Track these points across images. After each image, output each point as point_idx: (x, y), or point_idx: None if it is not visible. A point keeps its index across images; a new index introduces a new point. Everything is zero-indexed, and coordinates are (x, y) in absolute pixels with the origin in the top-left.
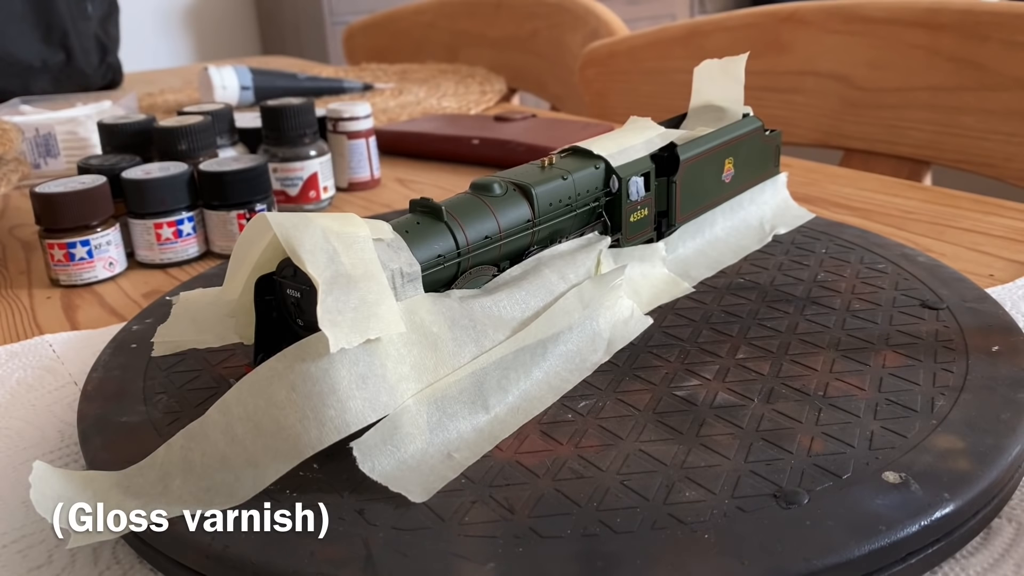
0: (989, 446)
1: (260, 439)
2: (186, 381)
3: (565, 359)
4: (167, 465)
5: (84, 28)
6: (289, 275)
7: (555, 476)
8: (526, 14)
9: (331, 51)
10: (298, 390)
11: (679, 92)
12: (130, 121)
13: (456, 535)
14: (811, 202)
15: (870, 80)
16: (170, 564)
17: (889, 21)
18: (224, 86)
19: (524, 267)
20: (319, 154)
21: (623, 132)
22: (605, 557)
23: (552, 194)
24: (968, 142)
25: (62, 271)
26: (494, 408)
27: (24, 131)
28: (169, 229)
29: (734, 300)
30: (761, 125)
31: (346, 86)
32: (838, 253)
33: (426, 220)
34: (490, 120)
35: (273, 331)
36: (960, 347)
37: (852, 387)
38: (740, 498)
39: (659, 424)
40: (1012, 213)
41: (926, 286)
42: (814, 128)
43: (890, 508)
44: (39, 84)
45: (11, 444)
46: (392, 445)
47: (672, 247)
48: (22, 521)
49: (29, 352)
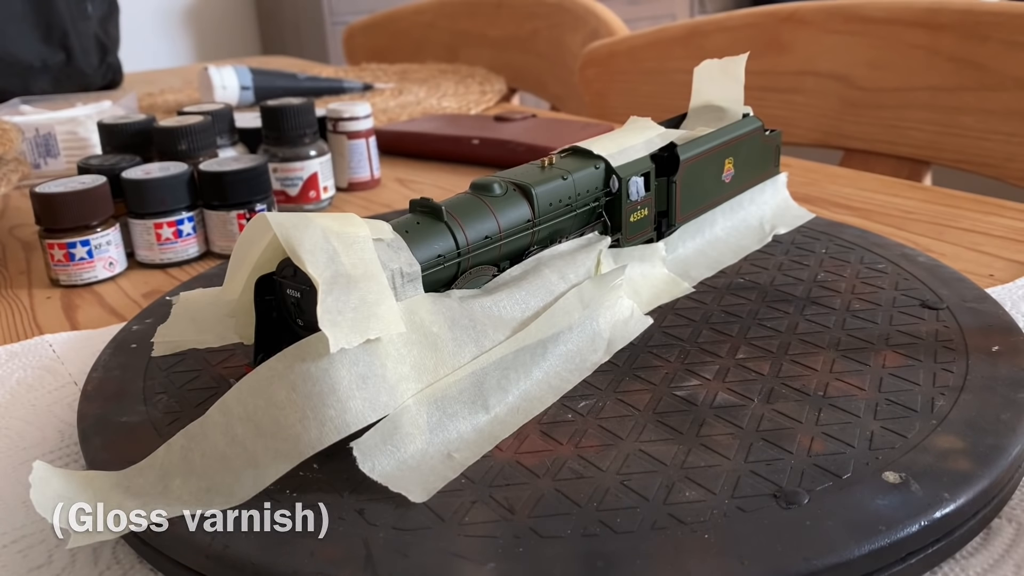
0: (989, 446)
1: (260, 439)
2: (186, 381)
3: (565, 359)
4: (167, 465)
5: (84, 28)
6: (289, 275)
7: (555, 476)
8: (526, 14)
9: (331, 51)
10: (298, 390)
11: (679, 92)
12: (130, 121)
13: (456, 535)
14: (811, 202)
15: (870, 80)
16: (170, 564)
17: (889, 21)
18: (224, 86)
19: (524, 267)
20: (319, 154)
21: (623, 132)
22: (605, 557)
23: (552, 194)
24: (968, 142)
25: (62, 271)
26: (494, 408)
27: (24, 131)
28: (169, 229)
29: (734, 300)
30: (761, 125)
31: (346, 86)
32: (838, 253)
33: (426, 220)
34: (490, 120)
35: (273, 331)
36: (960, 347)
37: (852, 387)
38: (740, 498)
39: (659, 424)
40: (1012, 213)
41: (926, 286)
42: (814, 128)
43: (890, 508)
44: (39, 84)
45: (11, 444)
46: (392, 445)
47: (672, 247)
48: (22, 521)
49: (29, 352)
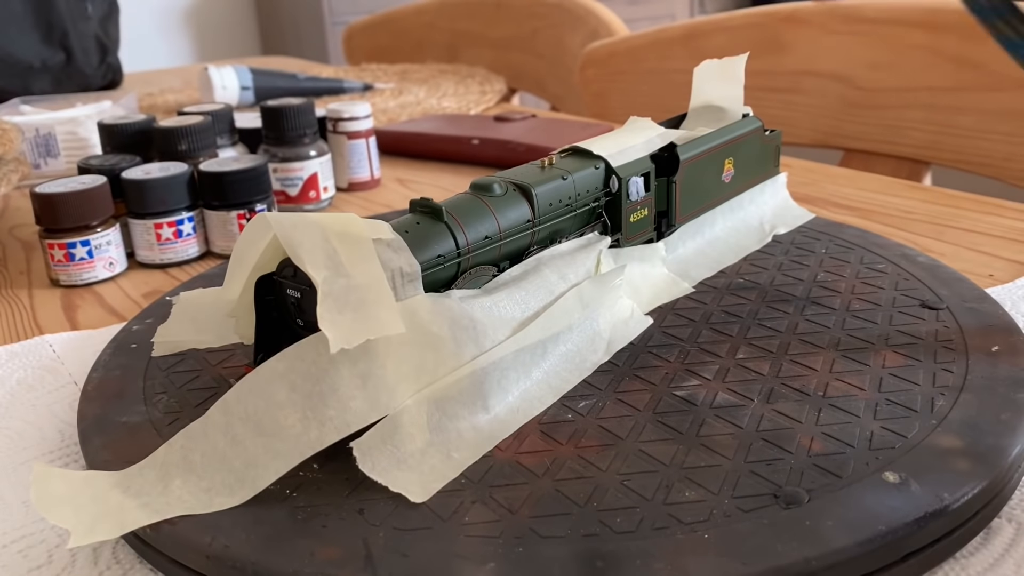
0: (989, 446)
1: (260, 439)
2: (186, 381)
3: (565, 359)
4: (167, 465)
5: (84, 28)
6: (289, 275)
7: (555, 476)
8: (526, 14)
9: (331, 51)
10: (298, 390)
11: (679, 92)
12: (130, 121)
13: (456, 535)
14: (811, 202)
15: (870, 80)
16: (170, 564)
17: (889, 21)
18: (224, 86)
19: (524, 267)
20: (319, 154)
21: (623, 132)
22: (605, 557)
23: (552, 194)
24: (967, 142)
25: (62, 271)
26: (494, 408)
27: (24, 131)
28: (169, 229)
29: (734, 300)
30: (761, 125)
31: (346, 86)
32: (838, 253)
33: (426, 220)
34: (490, 120)
35: (273, 331)
36: (960, 347)
37: (852, 387)
38: (740, 498)
39: (659, 424)
40: (1012, 213)
41: (926, 286)
42: (814, 128)
43: (890, 508)
44: (39, 84)
45: (11, 444)
46: (392, 445)
47: (672, 247)
48: (22, 521)
49: (29, 352)
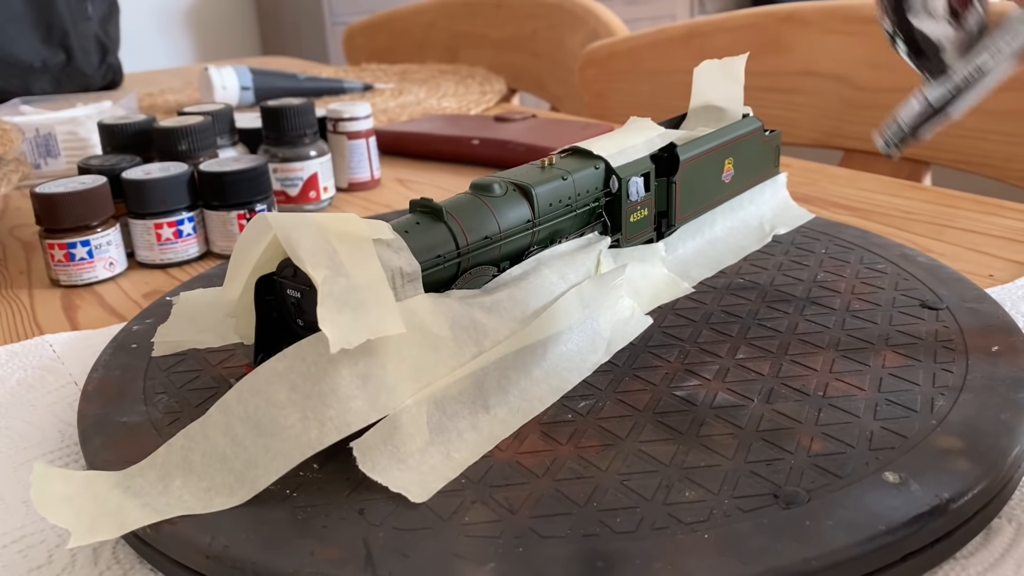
0: (989, 446)
1: (260, 439)
2: (186, 381)
3: (565, 359)
4: (167, 465)
5: (84, 28)
6: (289, 275)
7: (555, 476)
8: (526, 14)
9: (331, 51)
10: (298, 390)
11: (679, 92)
12: (130, 121)
13: (456, 535)
14: (811, 202)
15: (870, 80)
16: (170, 564)
17: None
18: (224, 86)
19: (524, 267)
20: (319, 154)
21: (623, 132)
22: (605, 557)
23: (552, 194)
24: (967, 142)
25: (62, 271)
26: (494, 408)
27: (24, 131)
28: (169, 229)
29: (734, 300)
30: (761, 125)
31: (346, 86)
32: (838, 253)
33: (426, 220)
34: (490, 120)
35: (273, 331)
36: (960, 347)
37: (852, 387)
38: (740, 498)
39: (659, 424)
40: (1012, 213)
41: (926, 286)
42: (814, 128)
43: (890, 508)
44: (39, 84)
45: (11, 444)
46: (392, 445)
47: (672, 247)
48: (22, 521)
49: (29, 352)
